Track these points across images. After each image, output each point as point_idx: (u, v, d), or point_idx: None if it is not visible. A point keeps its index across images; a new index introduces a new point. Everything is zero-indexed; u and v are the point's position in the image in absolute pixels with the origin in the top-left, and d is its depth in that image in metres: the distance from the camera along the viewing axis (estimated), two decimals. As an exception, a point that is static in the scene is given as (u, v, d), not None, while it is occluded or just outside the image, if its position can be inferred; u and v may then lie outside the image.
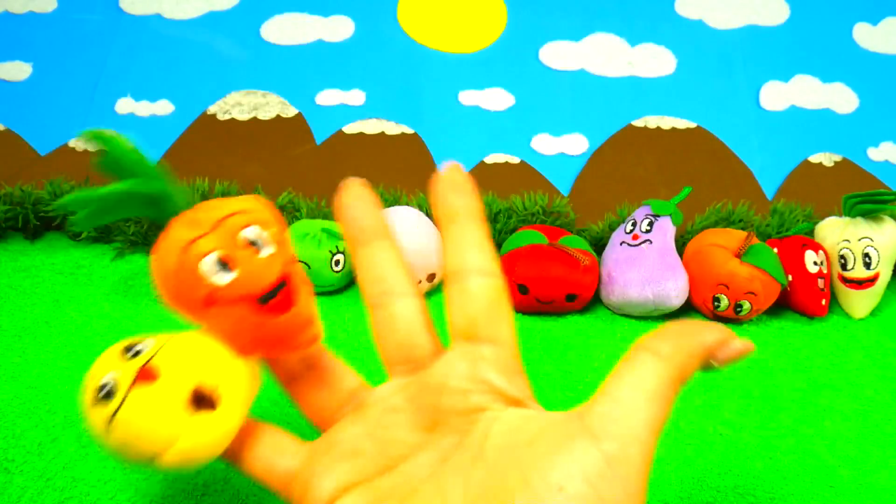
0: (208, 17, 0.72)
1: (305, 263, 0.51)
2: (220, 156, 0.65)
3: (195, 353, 0.24)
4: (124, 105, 0.68)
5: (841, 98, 0.69)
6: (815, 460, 0.40)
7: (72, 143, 0.66)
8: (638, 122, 0.68)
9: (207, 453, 0.24)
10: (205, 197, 0.59)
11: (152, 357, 0.23)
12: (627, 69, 0.70)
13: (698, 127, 0.68)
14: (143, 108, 0.68)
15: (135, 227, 0.57)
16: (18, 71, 0.69)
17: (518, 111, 0.69)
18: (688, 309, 0.54)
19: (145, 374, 0.23)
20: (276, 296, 0.22)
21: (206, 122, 0.67)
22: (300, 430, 0.26)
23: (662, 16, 0.72)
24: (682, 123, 0.68)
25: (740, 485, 0.38)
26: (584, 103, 0.69)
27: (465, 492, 0.20)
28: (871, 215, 0.53)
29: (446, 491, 0.20)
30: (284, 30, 0.71)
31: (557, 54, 0.71)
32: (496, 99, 0.69)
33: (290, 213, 0.58)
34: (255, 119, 0.68)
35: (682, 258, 0.53)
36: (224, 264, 0.22)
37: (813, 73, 0.70)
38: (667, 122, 0.68)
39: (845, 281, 0.53)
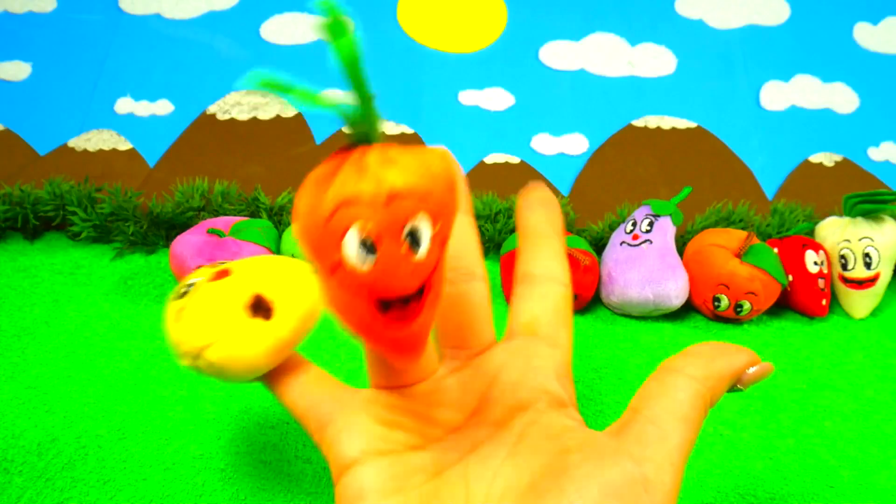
0: (208, 16, 0.72)
1: (305, 263, 0.51)
2: (220, 156, 0.65)
3: (268, 268, 0.26)
4: (124, 105, 0.68)
5: (841, 98, 0.69)
6: (816, 460, 0.40)
7: (71, 142, 0.66)
8: (638, 122, 0.68)
9: (249, 361, 0.24)
10: (204, 196, 0.59)
11: (231, 264, 0.26)
12: (627, 69, 0.70)
13: (698, 127, 0.68)
14: (143, 108, 0.68)
15: (134, 227, 0.57)
16: (18, 71, 0.69)
17: (518, 111, 0.69)
18: (688, 309, 0.54)
19: (219, 274, 0.25)
20: (403, 305, 0.19)
21: (206, 122, 0.67)
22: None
23: (662, 16, 0.72)
24: (683, 123, 0.68)
25: (740, 485, 0.38)
26: (584, 103, 0.69)
27: (490, 486, 0.20)
28: (871, 215, 0.52)
29: (471, 481, 0.20)
30: (284, 29, 0.71)
31: (557, 54, 0.71)
32: (496, 99, 0.69)
33: (291, 213, 0.58)
34: (254, 119, 0.68)
35: (682, 258, 0.52)
36: (368, 248, 0.18)
37: (813, 72, 0.69)
38: (667, 122, 0.68)
39: (846, 281, 0.53)
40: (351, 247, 0.18)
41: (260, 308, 0.25)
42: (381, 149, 0.18)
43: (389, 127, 0.67)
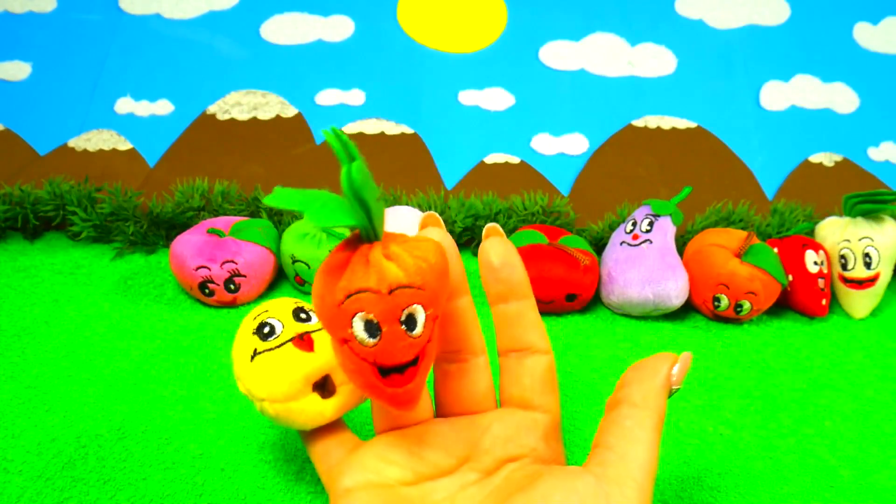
0: (208, 16, 0.72)
1: (305, 263, 0.51)
2: (220, 156, 0.65)
3: None
4: (124, 105, 0.68)
5: (841, 98, 0.69)
6: (816, 460, 0.40)
7: (71, 142, 0.66)
8: (638, 122, 0.68)
9: (298, 424, 0.28)
10: (204, 196, 0.59)
11: (316, 330, 0.28)
12: (627, 69, 0.70)
13: (698, 127, 0.68)
14: (143, 108, 0.68)
15: (134, 226, 0.57)
16: (18, 70, 0.69)
17: (518, 111, 0.69)
18: (688, 309, 0.54)
19: (305, 342, 0.27)
20: (400, 372, 0.22)
21: (206, 122, 0.67)
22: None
23: (662, 15, 0.72)
24: (683, 123, 0.68)
25: (740, 485, 0.38)
26: (584, 103, 0.69)
27: None
28: (871, 215, 0.52)
29: None
30: (284, 29, 0.71)
31: (557, 54, 0.71)
32: (496, 99, 0.69)
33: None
34: (254, 119, 0.68)
35: (682, 258, 0.52)
36: (373, 329, 0.22)
37: (813, 72, 0.69)
38: (667, 122, 0.68)
39: (846, 281, 0.53)
40: (359, 327, 0.22)
41: (324, 388, 0.28)
42: (384, 245, 0.22)
43: (389, 127, 0.67)
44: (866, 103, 0.68)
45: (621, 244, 0.53)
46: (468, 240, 0.60)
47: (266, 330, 0.28)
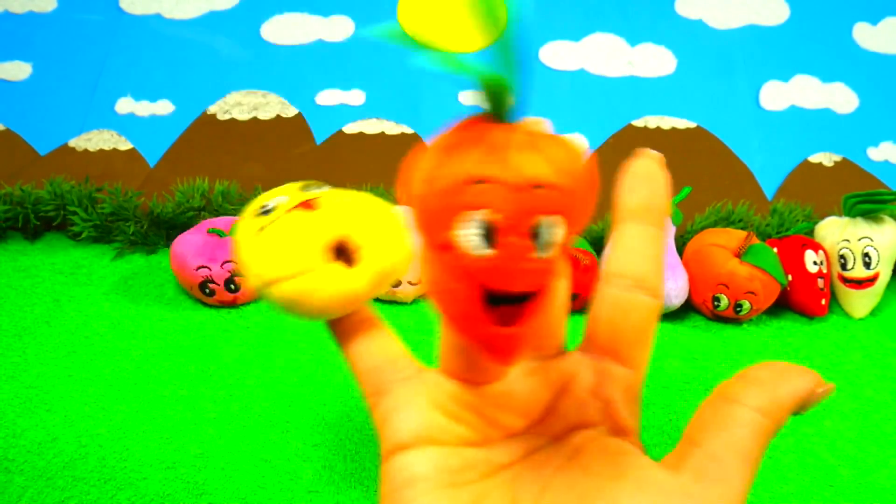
0: (208, 17, 0.72)
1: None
2: (220, 155, 0.65)
3: (360, 210, 0.24)
4: (124, 105, 0.68)
5: (841, 98, 0.69)
6: (815, 459, 0.40)
7: (72, 142, 0.66)
8: (638, 122, 0.68)
9: (319, 306, 0.23)
10: (205, 196, 0.59)
11: (321, 195, 0.24)
12: (627, 69, 0.70)
13: (698, 127, 0.68)
14: (143, 108, 0.68)
15: (135, 226, 0.57)
16: (18, 71, 0.69)
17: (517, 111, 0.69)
18: (687, 308, 0.54)
19: (308, 204, 0.23)
20: (510, 304, 0.17)
21: (206, 122, 0.67)
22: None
23: (662, 16, 0.72)
24: (682, 123, 0.68)
25: (740, 484, 0.38)
26: (584, 103, 0.69)
27: (538, 499, 0.19)
28: (870, 215, 0.53)
29: (520, 488, 0.20)
30: (284, 30, 0.71)
31: (557, 54, 0.71)
32: (496, 99, 0.69)
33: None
34: (255, 119, 0.68)
35: (681, 258, 0.53)
36: (489, 234, 0.16)
37: (813, 72, 0.70)
38: (667, 122, 0.68)
39: (845, 281, 0.53)
40: (472, 229, 0.16)
41: (343, 253, 0.23)
42: (524, 130, 0.16)
43: (389, 127, 0.68)
44: (866, 103, 0.68)
45: (621, 244, 0.53)
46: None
47: (270, 206, 0.24)
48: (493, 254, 0.16)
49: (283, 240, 0.23)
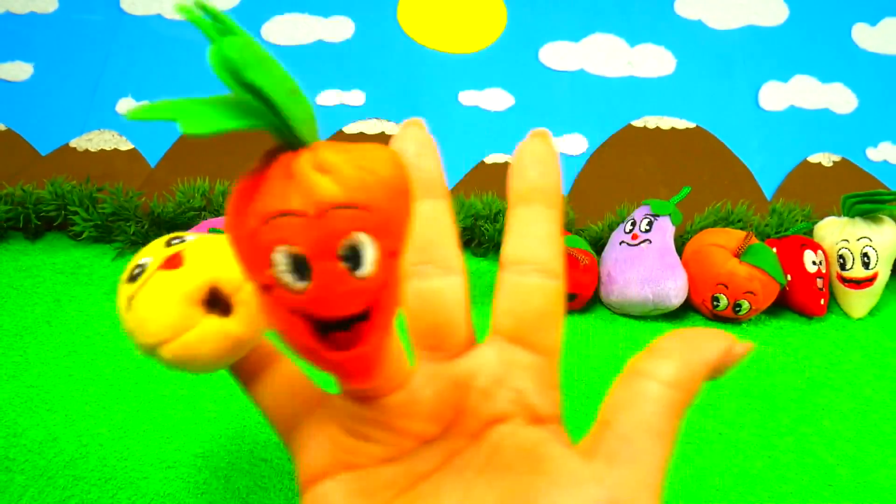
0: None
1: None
2: (220, 156, 0.65)
3: (225, 252, 0.23)
4: (125, 105, 0.68)
5: (840, 98, 0.69)
6: (814, 459, 0.40)
7: (73, 142, 0.66)
8: (638, 122, 0.68)
9: (207, 360, 0.23)
10: (206, 196, 0.59)
11: (185, 248, 0.23)
12: (627, 69, 0.70)
13: (698, 127, 0.68)
14: (144, 109, 0.68)
15: (135, 226, 0.57)
16: (20, 71, 0.69)
17: (518, 111, 0.69)
18: (687, 308, 0.54)
19: (171, 261, 0.22)
20: (344, 329, 0.17)
21: (207, 123, 0.67)
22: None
23: (662, 16, 0.72)
24: (682, 123, 0.68)
25: (739, 484, 0.38)
26: (584, 103, 0.69)
27: (463, 502, 0.19)
28: (869, 215, 0.53)
29: (443, 495, 0.19)
30: (284, 30, 0.71)
31: (557, 54, 0.71)
32: (496, 99, 0.69)
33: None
34: (255, 119, 0.68)
35: (681, 258, 0.53)
36: (302, 267, 0.16)
37: (812, 73, 0.70)
38: (666, 122, 0.68)
39: (844, 281, 0.53)
40: (282, 265, 0.16)
41: (216, 303, 0.23)
42: (314, 152, 0.16)
43: (389, 127, 0.68)
44: (865, 104, 0.69)
45: (621, 244, 0.53)
46: (468, 240, 0.60)
47: (136, 271, 0.23)
48: (309, 285, 0.15)
49: (153, 304, 0.22)
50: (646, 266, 0.50)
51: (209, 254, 0.23)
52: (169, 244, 0.24)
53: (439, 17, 0.72)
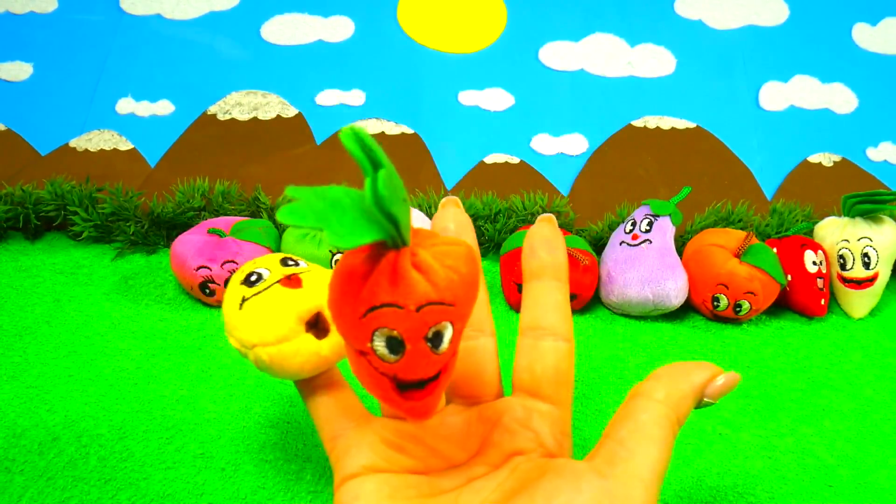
0: (208, 17, 0.72)
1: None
2: (220, 156, 0.65)
3: (326, 282, 0.26)
4: (125, 105, 0.68)
5: (840, 98, 0.69)
6: (815, 460, 0.40)
7: (72, 143, 0.66)
8: (638, 122, 0.68)
9: (293, 370, 0.27)
10: (205, 196, 0.59)
11: (303, 272, 0.27)
12: (627, 69, 0.70)
13: (698, 127, 0.68)
14: (144, 108, 0.68)
15: (135, 226, 0.57)
16: (19, 71, 0.69)
17: (518, 111, 0.69)
18: (687, 309, 0.54)
19: (292, 280, 0.27)
20: (420, 388, 0.21)
21: (207, 122, 0.67)
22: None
23: (662, 16, 0.72)
24: (682, 123, 0.68)
25: (739, 484, 0.38)
26: (584, 103, 0.69)
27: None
28: (870, 215, 0.53)
29: (460, 502, 0.23)
30: (284, 30, 0.71)
31: (557, 54, 0.71)
32: (496, 99, 0.69)
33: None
34: (255, 119, 0.68)
35: (681, 258, 0.53)
36: (396, 346, 0.20)
37: (812, 73, 0.70)
38: (666, 122, 0.68)
39: (844, 281, 0.53)
40: (380, 343, 0.20)
41: (317, 326, 0.27)
42: (413, 252, 0.20)
43: (389, 127, 0.68)
44: (865, 104, 0.69)
45: (621, 244, 0.53)
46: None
47: (253, 278, 0.27)
48: (399, 358, 0.20)
49: (267, 311, 0.26)
50: (646, 266, 0.50)
51: (323, 284, 0.27)
52: (285, 263, 0.28)
53: (439, 17, 0.72)
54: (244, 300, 0.26)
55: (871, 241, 0.52)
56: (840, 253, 0.53)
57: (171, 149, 0.66)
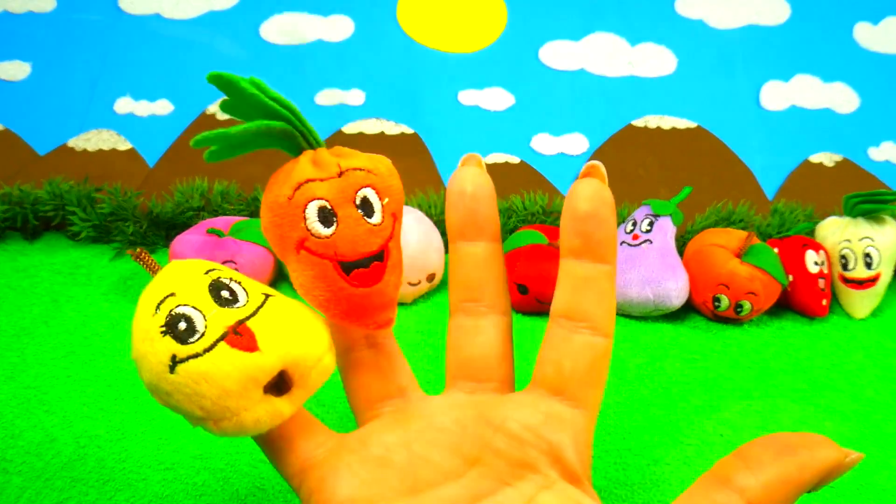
0: (208, 16, 0.71)
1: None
2: (220, 155, 0.65)
3: (294, 334, 0.21)
4: (124, 105, 0.68)
5: (841, 98, 0.69)
6: (816, 461, 0.40)
7: (71, 142, 0.66)
8: (638, 122, 0.68)
9: (250, 432, 0.22)
10: (204, 196, 0.59)
11: (250, 316, 0.20)
12: (627, 69, 0.70)
13: (698, 127, 0.68)
14: (143, 108, 0.68)
15: (134, 226, 0.57)
16: (17, 70, 0.69)
17: (518, 111, 0.68)
18: (688, 309, 0.54)
19: (242, 342, 0.20)
20: (364, 266, 0.21)
21: (206, 122, 0.67)
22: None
23: (662, 15, 0.72)
24: (683, 123, 0.68)
25: (741, 485, 0.38)
26: (584, 103, 0.69)
27: None
28: (871, 215, 0.52)
29: None
30: (284, 30, 0.71)
31: (557, 54, 0.71)
32: (496, 99, 0.69)
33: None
34: (254, 119, 0.68)
35: (682, 258, 0.52)
36: (327, 216, 0.21)
37: (813, 72, 0.69)
38: (667, 122, 0.68)
39: (846, 281, 0.53)
40: (312, 216, 0.21)
41: (279, 388, 0.21)
42: (330, 149, 0.23)
43: (389, 127, 0.67)
44: (866, 103, 0.68)
45: (621, 244, 0.53)
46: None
47: (182, 326, 0.20)
48: (336, 229, 0.21)
49: (213, 383, 0.20)
50: (646, 266, 0.50)
51: (283, 334, 0.21)
52: (217, 294, 0.21)
53: (439, 17, 0.72)
54: (176, 362, 0.19)
55: (872, 241, 0.52)
56: (842, 253, 0.53)
57: (170, 148, 0.66)
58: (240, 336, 0.20)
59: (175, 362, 0.19)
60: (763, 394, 0.45)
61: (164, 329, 0.20)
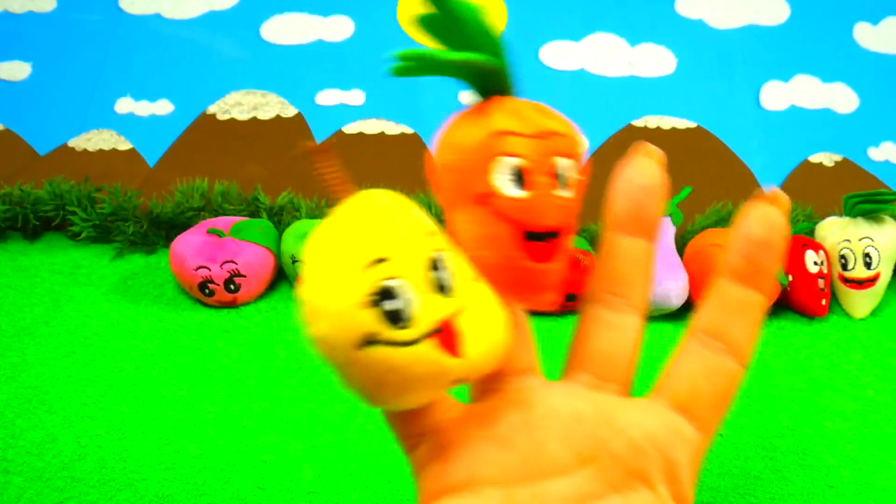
0: (208, 16, 0.71)
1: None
2: (220, 156, 0.65)
3: (496, 341, 0.19)
4: (124, 105, 0.68)
5: (841, 98, 0.69)
6: (815, 460, 0.40)
7: (71, 142, 0.66)
8: (638, 122, 0.68)
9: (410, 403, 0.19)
10: (204, 196, 0.59)
11: (461, 310, 0.18)
12: (627, 69, 0.70)
13: (698, 127, 0.68)
14: (143, 108, 0.68)
15: (134, 226, 0.57)
16: (18, 70, 0.69)
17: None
18: (688, 309, 0.54)
19: (450, 343, 0.17)
20: (544, 240, 0.19)
21: (206, 122, 0.67)
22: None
23: (662, 16, 0.72)
24: (682, 123, 0.68)
25: (740, 485, 0.38)
26: (584, 103, 0.69)
27: None
28: (871, 215, 0.52)
29: None
30: (284, 30, 0.71)
31: (558, 54, 0.71)
32: (496, 99, 0.69)
33: (290, 213, 0.58)
34: (254, 119, 0.68)
35: (682, 258, 0.52)
36: (520, 178, 0.18)
37: (813, 72, 0.69)
38: (667, 122, 0.68)
39: (846, 281, 0.53)
40: (503, 175, 0.18)
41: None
42: (526, 100, 0.20)
43: (389, 127, 0.67)
44: (866, 103, 0.68)
45: (621, 244, 0.53)
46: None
47: (392, 306, 0.16)
48: (526, 194, 0.18)
49: (408, 381, 0.17)
50: (646, 266, 0.50)
51: (487, 341, 0.18)
52: (435, 273, 0.17)
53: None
54: (371, 342, 0.16)
55: (872, 241, 0.52)
56: (841, 253, 0.53)
57: (170, 149, 0.66)
58: (448, 335, 0.17)
59: (369, 342, 0.16)
60: (762, 393, 0.45)
61: (373, 298, 0.16)
